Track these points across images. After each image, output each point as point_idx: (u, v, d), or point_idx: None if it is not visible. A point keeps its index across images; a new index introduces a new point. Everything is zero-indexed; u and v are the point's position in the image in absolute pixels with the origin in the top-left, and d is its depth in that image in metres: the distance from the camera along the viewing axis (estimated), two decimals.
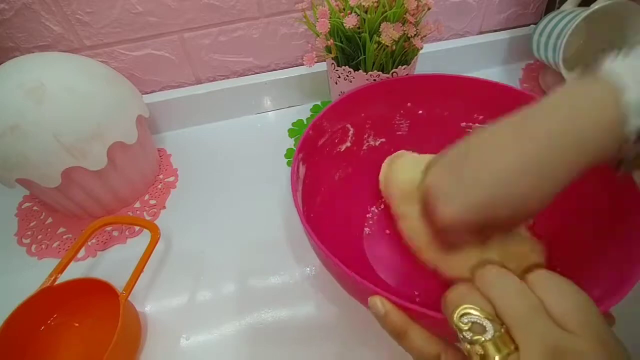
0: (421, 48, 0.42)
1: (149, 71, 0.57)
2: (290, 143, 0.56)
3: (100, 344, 0.34)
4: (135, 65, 0.55)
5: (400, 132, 0.45)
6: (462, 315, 0.20)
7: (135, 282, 0.37)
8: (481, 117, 0.43)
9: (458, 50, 0.62)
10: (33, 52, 0.49)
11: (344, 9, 0.41)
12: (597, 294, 0.26)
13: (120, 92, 0.45)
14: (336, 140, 0.42)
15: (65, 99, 0.39)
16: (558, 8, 0.57)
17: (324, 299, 0.40)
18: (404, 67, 0.43)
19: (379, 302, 0.24)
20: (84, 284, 0.38)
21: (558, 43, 0.50)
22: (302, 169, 0.36)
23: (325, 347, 0.36)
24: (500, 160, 0.24)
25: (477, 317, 0.19)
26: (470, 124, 0.43)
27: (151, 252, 0.39)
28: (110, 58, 0.54)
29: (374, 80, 0.43)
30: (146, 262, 0.39)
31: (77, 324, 0.39)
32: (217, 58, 0.57)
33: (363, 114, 0.42)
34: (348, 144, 0.43)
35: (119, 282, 0.37)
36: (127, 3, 0.49)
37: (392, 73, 0.43)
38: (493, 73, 0.65)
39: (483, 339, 0.18)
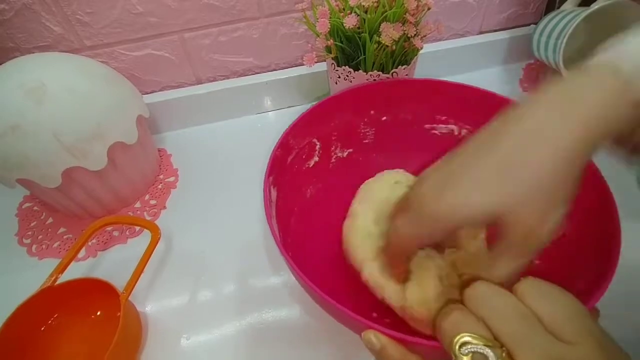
0: (421, 48, 0.42)
1: (149, 71, 0.57)
2: None
3: (100, 344, 0.34)
4: (136, 66, 0.55)
5: (366, 141, 0.45)
6: (461, 346, 0.19)
7: (136, 282, 0.37)
8: (444, 117, 0.43)
9: (458, 50, 0.62)
10: (33, 53, 0.49)
11: (344, 9, 0.41)
12: (581, 287, 0.26)
13: (120, 92, 0.45)
14: (304, 157, 0.41)
15: (65, 99, 0.39)
16: (558, 8, 0.57)
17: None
18: (404, 67, 0.43)
19: (373, 337, 0.23)
20: (84, 284, 0.38)
21: (558, 43, 0.50)
22: (273, 193, 0.35)
23: (325, 347, 0.36)
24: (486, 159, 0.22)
25: (476, 346, 0.19)
26: (434, 124, 0.44)
27: (152, 252, 0.40)
28: (111, 58, 0.54)
29: (374, 80, 0.43)
30: (147, 262, 0.39)
31: (77, 324, 0.39)
32: (217, 58, 0.57)
33: (328, 127, 0.42)
34: (316, 158, 0.42)
35: (119, 282, 0.37)
36: (128, 3, 0.49)
37: (392, 73, 0.43)
38: (493, 73, 0.65)
39: None
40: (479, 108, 0.39)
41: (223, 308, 0.40)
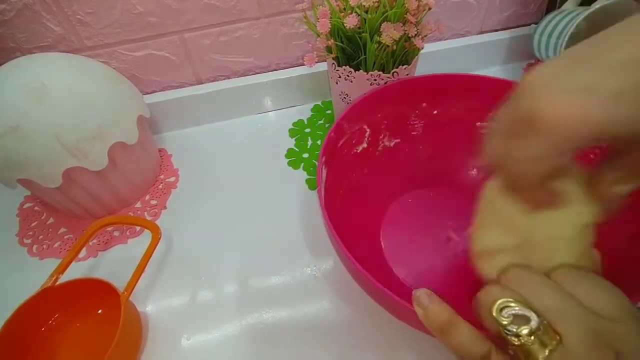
0: (422, 48, 0.41)
1: (149, 71, 0.57)
2: (290, 143, 0.56)
3: (101, 344, 0.34)
4: (136, 66, 0.55)
5: (414, 132, 0.45)
6: (501, 309, 0.19)
7: (136, 282, 0.37)
8: None
9: (459, 50, 0.62)
10: (34, 53, 0.49)
11: (344, 9, 0.41)
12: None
13: (121, 93, 0.45)
14: (353, 141, 0.42)
15: (66, 100, 0.39)
16: (559, 7, 0.57)
17: (325, 299, 0.40)
18: (404, 67, 0.43)
19: (422, 292, 0.22)
20: (85, 284, 0.38)
21: (559, 43, 0.50)
22: (324, 172, 0.36)
23: (326, 347, 0.36)
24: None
25: (517, 308, 0.18)
26: (486, 123, 0.43)
27: (152, 252, 0.40)
28: (111, 58, 0.54)
29: (375, 80, 0.43)
30: (147, 262, 0.39)
31: (78, 324, 0.39)
32: (217, 58, 0.57)
33: (379, 115, 0.42)
34: (364, 144, 0.43)
35: (120, 282, 0.37)
36: (128, 3, 0.49)
37: (393, 73, 0.42)
38: (494, 73, 0.65)
39: (529, 329, 0.18)
40: None
41: (223, 308, 0.40)
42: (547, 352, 0.17)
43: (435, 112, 0.44)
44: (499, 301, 0.19)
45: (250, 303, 0.40)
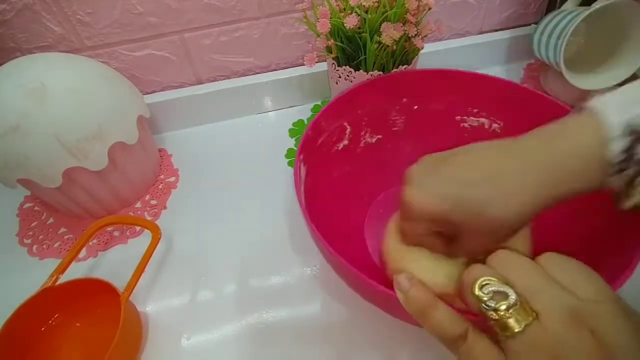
0: (422, 48, 0.42)
1: (149, 71, 0.57)
2: (291, 143, 0.56)
3: (101, 344, 0.34)
4: (136, 66, 0.55)
5: (396, 128, 0.45)
6: (482, 287, 0.20)
7: (136, 282, 0.37)
8: (476, 110, 0.43)
9: (459, 49, 0.62)
10: (34, 53, 0.49)
11: (344, 9, 0.41)
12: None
13: (121, 93, 0.45)
14: (334, 139, 0.42)
15: (66, 100, 0.39)
16: (559, 7, 0.57)
17: (325, 299, 0.40)
18: (404, 67, 0.43)
19: (404, 277, 0.23)
20: (85, 284, 0.38)
21: (559, 43, 0.50)
22: (303, 170, 0.36)
23: (326, 347, 0.36)
24: (476, 166, 0.25)
25: (497, 284, 0.20)
26: (465, 117, 0.44)
27: (152, 252, 0.40)
28: (111, 58, 0.54)
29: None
30: (147, 262, 0.39)
31: (78, 324, 0.39)
32: (217, 58, 0.57)
33: (359, 111, 0.42)
34: (345, 142, 0.43)
35: (120, 282, 0.37)
36: (128, 3, 0.49)
37: None
38: (494, 73, 0.64)
39: (507, 304, 0.19)
40: (513, 104, 0.39)
41: (223, 308, 0.40)
42: (522, 326, 0.18)
43: (415, 107, 0.44)
44: (481, 279, 0.20)
45: (250, 303, 0.40)
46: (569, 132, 0.23)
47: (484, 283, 0.20)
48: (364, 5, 0.38)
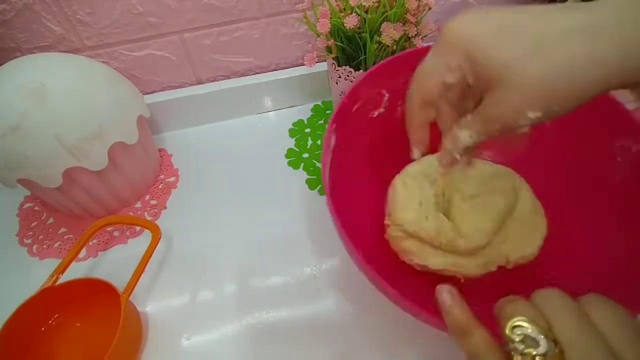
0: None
1: (149, 71, 0.57)
2: (291, 143, 0.56)
3: (101, 344, 0.34)
4: (136, 66, 0.55)
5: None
6: (514, 327, 0.19)
7: (136, 282, 0.37)
8: None
9: None
10: (34, 53, 0.49)
11: (344, 9, 0.41)
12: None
13: (121, 93, 0.45)
14: (369, 106, 0.41)
15: (66, 100, 0.39)
16: None
17: (325, 299, 0.40)
18: None
19: (446, 292, 0.22)
20: (85, 284, 0.38)
21: None
22: (332, 140, 0.35)
23: (326, 347, 0.36)
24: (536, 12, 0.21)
25: (530, 330, 0.19)
26: None
27: (152, 252, 0.40)
28: (111, 58, 0.54)
29: None
30: (147, 262, 0.39)
31: (78, 324, 0.39)
32: (217, 58, 0.57)
33: (399, 81, 0.42)
34: (381, 109, 0.42)
35: (120, 282, 0.37)
36: (128, 3, 0.49)
37: None
38: None
39: (535, 352, 0.18)
40: None
41: (223, 308, 0.40)
42: None
43: None
44: (515, 319, 0.19)
45: (250, 303, 0.40)
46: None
47: (517, 324, 0.19)
48: (364, 5, 0.38)
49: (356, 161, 0.40)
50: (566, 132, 0.37)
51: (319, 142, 0.56)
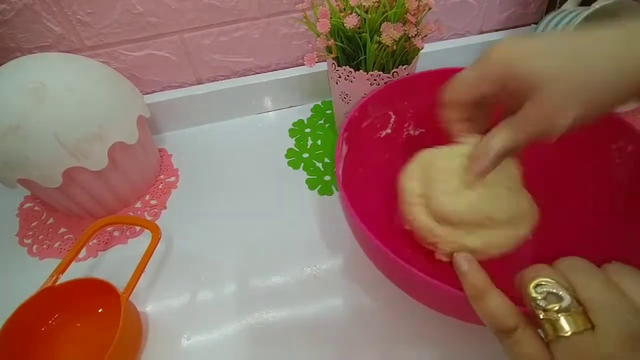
0: (422, 48, 0.41)
1: (149, 71, 0.57)
2: (291, 143, 0.56)
3: (101, 344, 0.34)
4: (136, 66, 0.55)
5: (440, 125, 0.45)
6: (537, 285, 0.20)
7: (136, 282, 0.37)
8: None
9: (459, 50, 0.62)
10: (34, 53, 0.49)
11: (344, 9, 0.41)
12: None
13: (121, 93, 0.45)
14: (377, 126, 0.42)
15: (66, 100, 0.39)
16: (559, 8, 0.57)
17: (325, 299, 0.40)
18: (404, 67, 0.43)
19: (462, 258, 0.23)
20: (85, 284, 0.38)
21: None
22: (344, 148, 0.36)
23: (326, 347, 0.36)
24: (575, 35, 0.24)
25: (552, 285, 0.19)
26: None
27: (152, 252, 0.40)
28: (111, 58, 0.54)
29: (375, 80, 0.43)
30: (147, 262, 0.39)
31: (78, 324, 0.39)
32: (217, 58, 0.57)
33: (406, 103, 0.43)
34: (388, 130, 0.43)
35: (120, 282, 0.37)
36: (128, 3, 0.49)
37: (393, 73, 0.43)
38: None
39: (558, 306, 0.18)
40: None
41: (223, 308, 0.40)
42: (571, 332, 0.18)
43: None
44: (537, 279, 0.20)
45: (250, 303, 0.40)
46: None
47: (540, 283, 0.20)
48: (364, 5, 0.38)
49: (365, 175, 0.41)
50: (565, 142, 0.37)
51: (319, 142, 0.56)
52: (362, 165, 0.40)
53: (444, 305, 0.30)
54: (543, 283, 0.20)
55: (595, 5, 0.47)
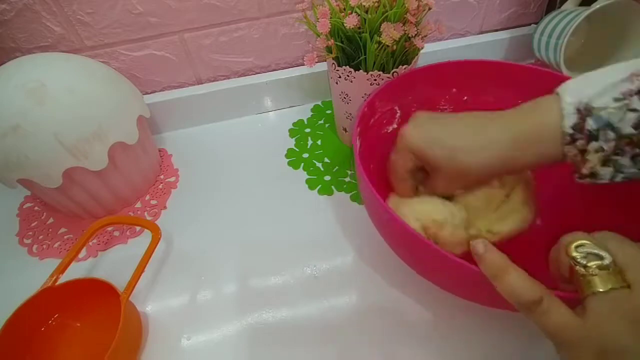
0: (422, 48, 0.41)
1: (149, 71, 0.57)
2: (291, 143, 0.56)
3: (101, 344, 0.34)
4: (136, 66, 0.55)
5: None
6: (578, 246, 0.22)
7: (136, 282, 0.37)
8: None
9: (459, 49, 0.62)
10: (34, 53, 0.49)
11: (344, 9, 0.41)
12: None
13: (121, 93, 0.45)
14: (384, 121, 0.43)
15: (66, 100, 0.39)
16: (559, 7, 0.57)
17: (325, 299, 0.40)
18: (404, 67, 0.43)
19: (479, 243, 0.25)
20: (85, 284, 0.38)
21: (559, 43, 0.50)
22: (358, 142, 0.37)
23: (326, 347, 0.36)
24: (461, 122, 0.32)
25: (593, 247, 0.21)
26: None
27: (152, 252, 0.40)
28: (111, 58, 0.54)
29: (375, 80, 0.43)
30: (147, 262, 0.39)
31: (78, 324, 0.39)
32: (217, 58, 0.57)
33: (410, 97, 0.43)
34: (395, 125, 0.44)
35: (120, 282, 0.37)
36: (128, 3, 0.49)
37: (393, 73, 0.43)
38: None
39: (599, 264, 0.20)
40: None
41: (224, 308, 0.40)
42: (608, 287, 0.20)
43: (465, 98, 0.44)
44: (578, 241, 0.22)
45: (250, 303, 0.40)
46: (540, 108, 0.28)
47: (582, 244, 0.22)
48: (364, 5, 0.38)
49: (376, 170, 0.41)
50: None
51: (319, 142, 0.56)
52: (372, 161, 0.41)
53: (463, 287, 0.31)
54: (584, 244, 0.22)
55: (595, 5, 0.47)
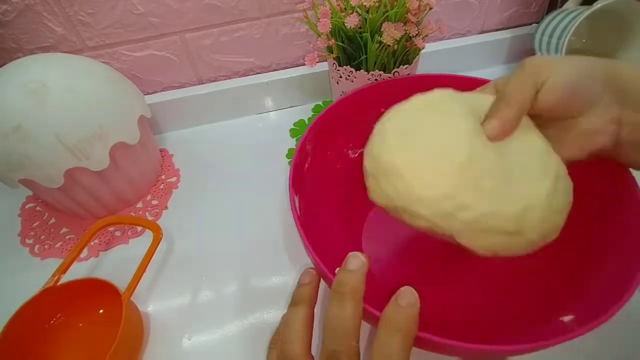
0: (423, 48, 0.41)
1: (150, 72, 0.57)
2: (291, 143, 0.56)
3: (102, 344, 0.34)
4: (137, 66, 0.56)
5: None
6: None
7: (138, 282, 0.37)
8: None
9: (460, 49, 0.62)
10: (35, 53, 0.49)
11: (345, 9, 0.41)
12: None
13: (122, 93, 0.45)
14: (322, 161, 0.41)
15: (67, 100, 0.40)
16: (560, 7, 0.56)
17: (325, 299, 0.40)
18: (405, 66, 0.43)
19: (410, 292, 0.23)
20: (86, 284, 0.38)
21: (560, 42, 0.50)
22: (296, 200, 0.34)
23: None
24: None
25: None
26: None
27: (153, 252, 0.40)
28: (112, 59, 0.54)
29: (376, 79, 0.43)
30: (148, 262, 0.39)
31: (79, 324, 0.39)
32: (218, 58, 0.57)
33: (338, 130, 0.41)
34: (334, 161, 0.42)
35: (121, 282, 0.37)
36: (129, 4, 0.49)
37: (394, 73, 0.42)
38: (495, 72, 0.64)
39: None
40: None
41: (225, 308, 0.40)
42: None
43: None
44: None
45: (252, 303, 0.40)
46: None
47: None
48: (365, 5, 0.38)
49: (324, 217, 0.39)
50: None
51: None
52: (320, 206, 0.38)
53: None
54: None
55: (597, 5, 0.47)
